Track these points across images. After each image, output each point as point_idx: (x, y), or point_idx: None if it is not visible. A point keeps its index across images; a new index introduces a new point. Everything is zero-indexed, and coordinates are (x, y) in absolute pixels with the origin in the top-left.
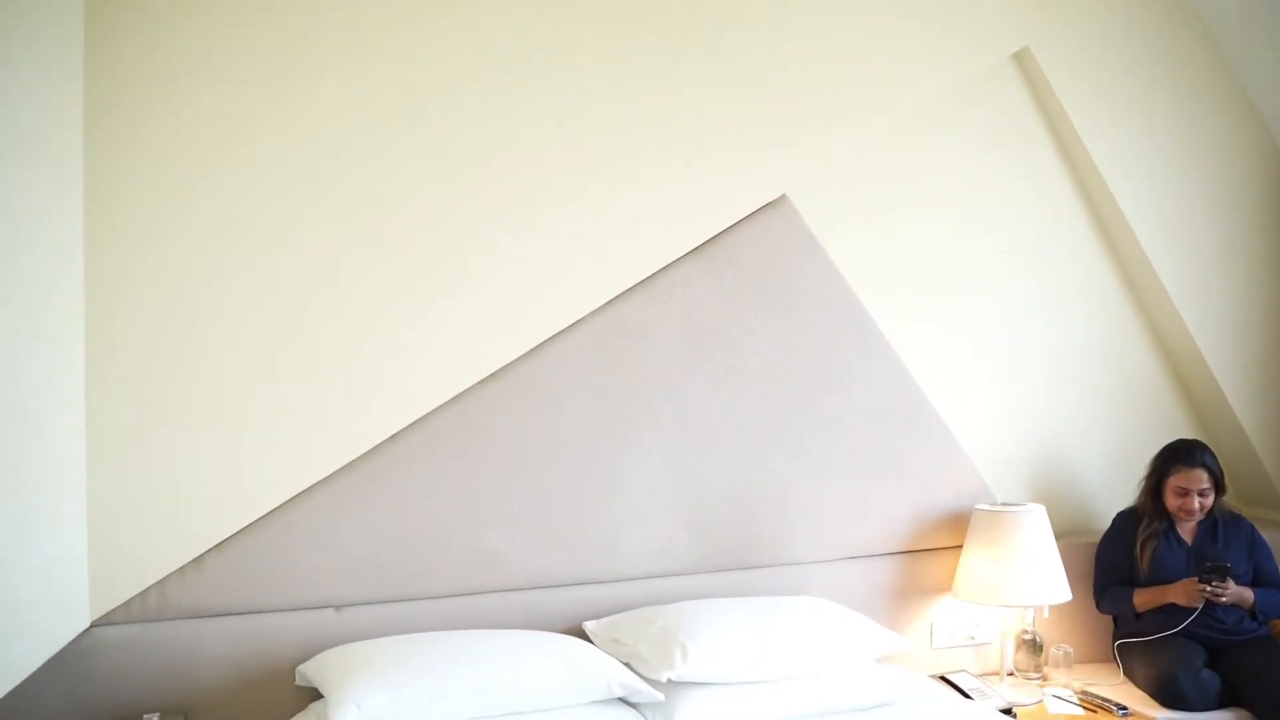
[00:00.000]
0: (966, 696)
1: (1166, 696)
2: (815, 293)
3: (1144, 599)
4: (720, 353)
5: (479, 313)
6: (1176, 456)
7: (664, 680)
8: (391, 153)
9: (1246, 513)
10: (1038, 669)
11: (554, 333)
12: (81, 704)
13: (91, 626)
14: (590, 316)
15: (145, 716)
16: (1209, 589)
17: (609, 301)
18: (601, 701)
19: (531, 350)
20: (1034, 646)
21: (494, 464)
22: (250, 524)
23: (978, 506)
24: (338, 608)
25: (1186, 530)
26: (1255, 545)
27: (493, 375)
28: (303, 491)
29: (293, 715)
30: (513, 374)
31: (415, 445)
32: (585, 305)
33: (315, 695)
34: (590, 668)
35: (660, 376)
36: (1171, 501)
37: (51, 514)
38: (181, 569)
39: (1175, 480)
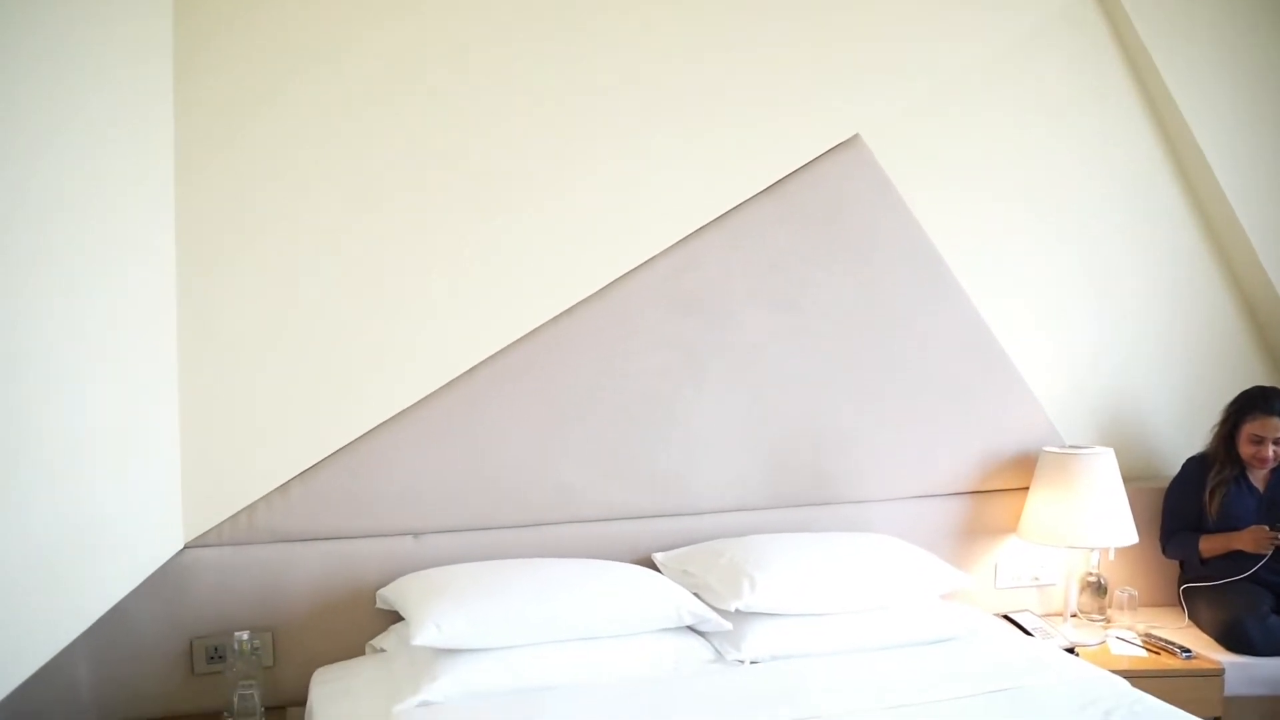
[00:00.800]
0: (1028, 634)
1: (1232, 641)
2: (887, 234)
3: (1210, 544)
4: (791, 292)
5: (555, 252)
6: (1253, 403)
7: (732, 610)
8: (473, 95)
9: None
10: (1101, 611)
11: (627, 270)
12: (176, 620)
13: (186, 548)
14: (662, 255)
15: (236, 634)
16: (1279, 536)
17: (681, 240)
18: (671, 630)
19: (605, 288)
20: (1098, 589)
21: (567, 399)
22: (333, 453)
23: (1045, 449)
24: (416, 535)
25: (1259, 478)
26: None
27: (566, 312)
28: (382, 424)
29: (373, 637)
30: (586, 311)
31: (491, 379)
32: (658, 244)
33: (395, 618)
34: (660, 596)
35: (732, 315)
36: (1245, 449)
37: (147, 442)
38: (269, 496)
39: (1250, 428)
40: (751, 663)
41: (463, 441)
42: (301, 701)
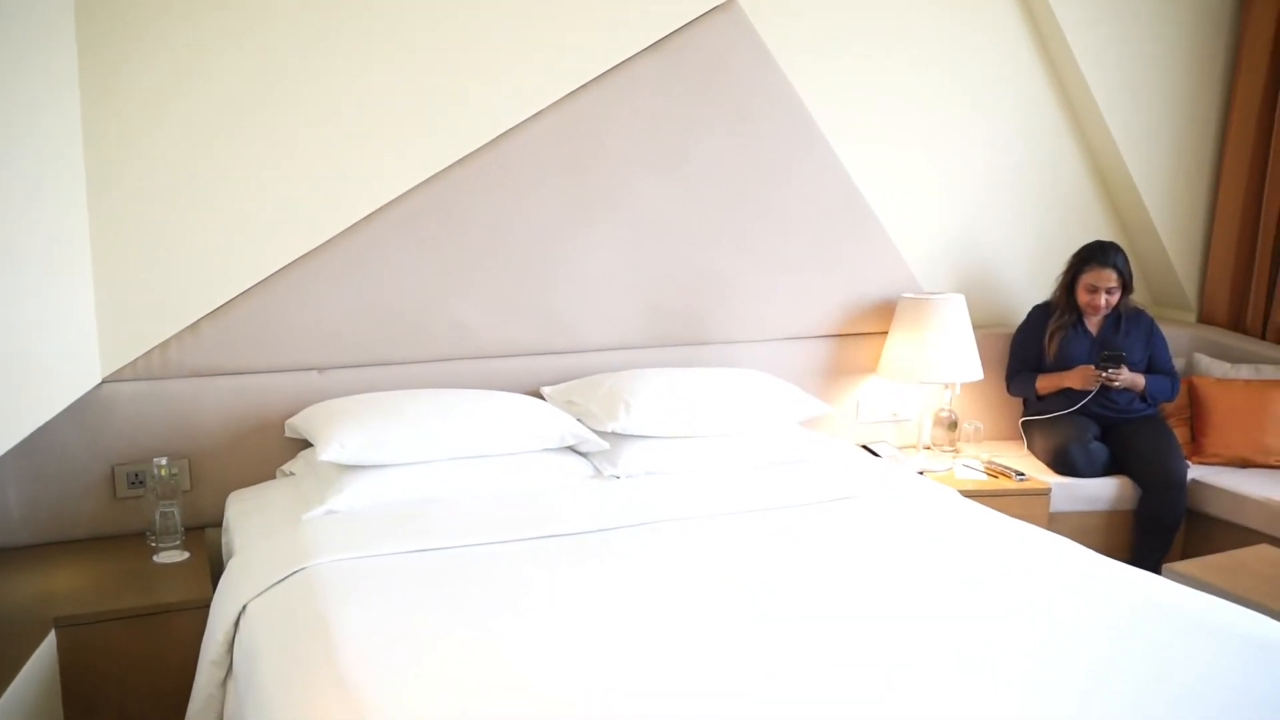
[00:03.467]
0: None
1: (1060, 464)
2: (762, 97)
3: (1046, 383)
4: (671, 148)
5: (447, 105)
6: (1091, 256)
7: (609, 432)
8: None
9: (1158, 313)
10: (952, 443)
11: (516, 123)
12: (98, 449)
13: (104, 382)
14: (549, 109)
15: (155, 460)
16: (1104, 374)
17: (566, 95)
18: (554, 450)
19: (496, 139)
20: (950, 424)
21: (462, 244)
22: (241, 293)
23: (904, 295)
24: (320, 370)
25: (1093, 323)
26: (1153, 338)
27: (459, 162)
28: (288, 264)
29: (283, 463)
30: (478, 162)
31: (390, 225)
32: (544, 99)
33: (303, 445)
34: (545, 419)
35: (615, 168)
36: (1082, 297)
37: (61, 282)
38: (180, 333)
39: (1087, 278)
40: (626, 478)
41: (364, 282)
42: (218, 523)
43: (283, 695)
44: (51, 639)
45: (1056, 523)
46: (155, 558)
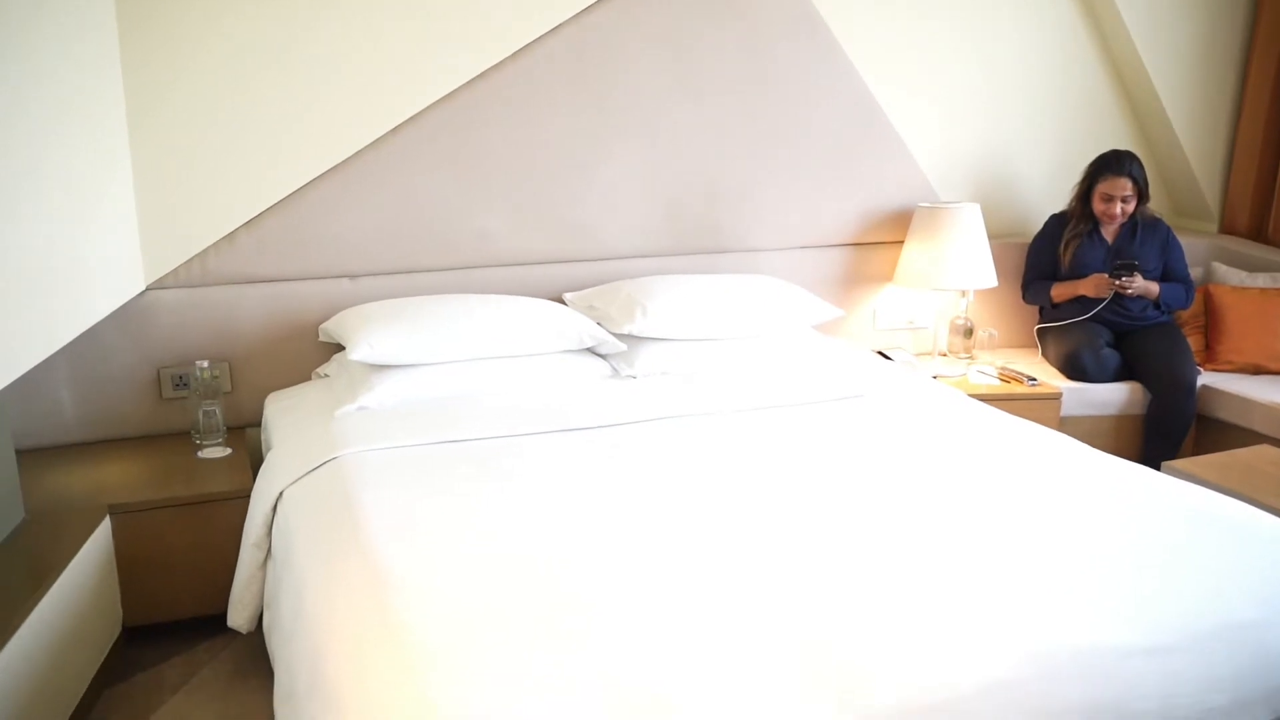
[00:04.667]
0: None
1: (1071, 370)
2: (779, 7)
3: (1061, 291)
4: (688, 59)
5: (467, 19)
6: (1106, 165)
7: (626, 334)
8: None
9: (1179, 223)
10: (967, 350)
11: (535, 38)
12: (143, 352)
13: (147, 290)
14: (567, 24)
15: (196, 363)
16: (1117, 282)
17: (583, 10)
18: (574, 351)
19: (515, 54)
20: (965, 332)
21: (485, 156)
22: (275, 204)
23: (920, 204)
24: (352, 277)
25: (1109, 232)
26: (1169, 246)
27: (481, 76)
28: (319, 176)
29: (318, 366)
30: (499, 76)
31: (416, 137)
32: (562, 12)
33: (336, 349)
34: (565, 322)
35: (633, 79)
36: (1098, 206)
37: (104, 197)
38: (218, 243)
39: (1103, 187)
40: (642, 378)
41: (391, 193)
42: (257, 423)
43: (315, 570)
44: (106, 524)
45: (1067, 426)
46: (199, 453)
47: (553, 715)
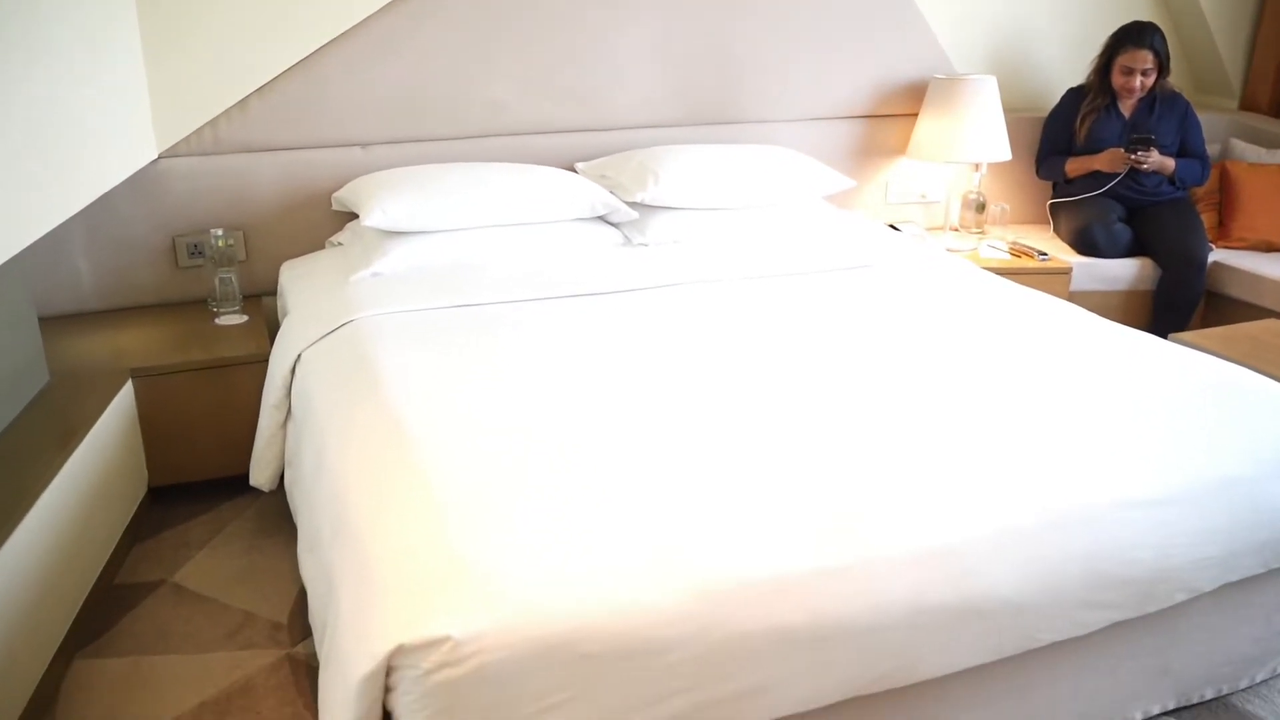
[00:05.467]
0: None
1: (1082, 245)
2: None
3: (1075, 165)
4: None
5: None
6: (1127, 36)
7: (638, 202)
8: None
9: (1200, 99)
10: (979, 225)
11: None
12: (158, 220)
13: (160, 158)
14: None
15: (212, 231)
16: (1132, 156)
17: None
18: (586, 219)
19: None
20: (977, 206)
21: (498, 23)
22: (285, 70)
23: (935, 75)
24: (364, 146)
25: (1127, 107)
26: (1187, 121)
27: None
28: (331, 41)
29: (332, 235)
30: None
31: (429, 3)
32: None
33: (350, 218)
34: (577, 189)
35: None
36: (1117, 79)
37: (112, 64)
38: (229, 110)
39: (1123, 59)
40: (654, 245)
41: (403, 60)
42: (273, 292)
43: (335, 426)
44: (128, 388)
45: (1076, 301)
46: (217, 320)
47: (572, 560)
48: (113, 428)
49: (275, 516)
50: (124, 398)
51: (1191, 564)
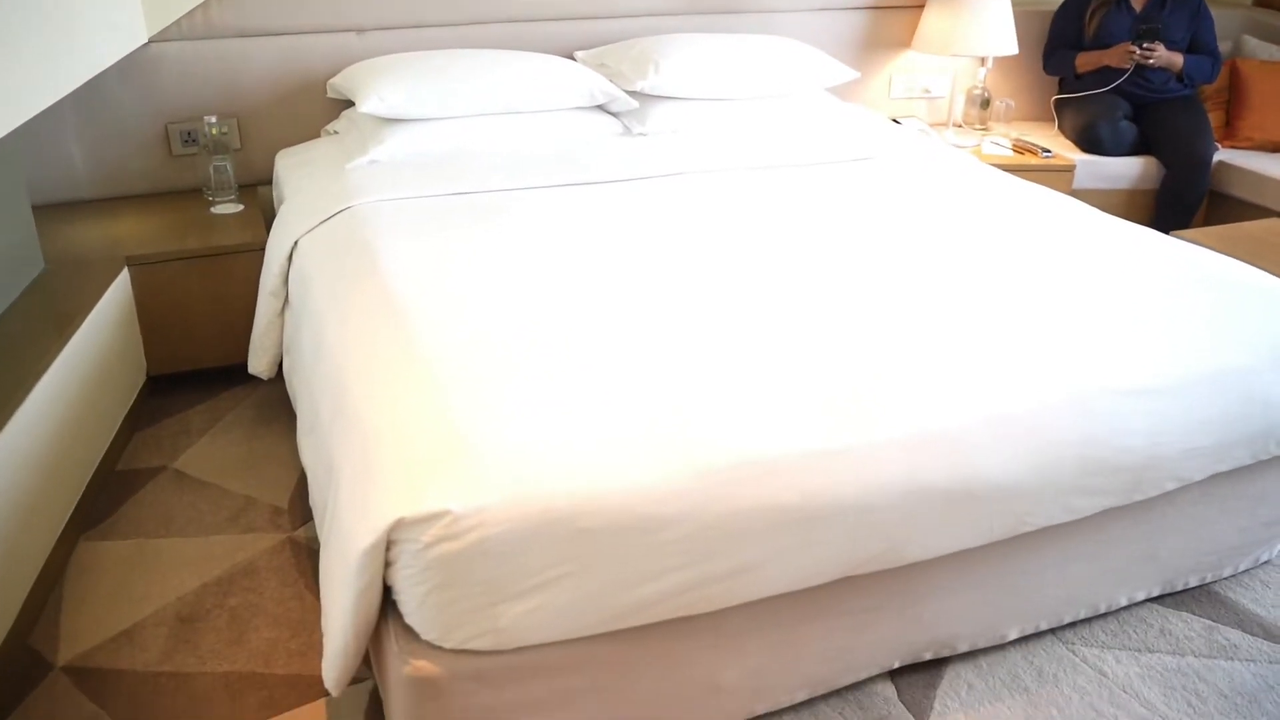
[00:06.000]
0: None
1: (1086, 142)
2: None
3: (1084, 60)
4: None
5: None
6: None
7: (638, 91)
8: None
9: None
10: (983, 122)
11: None
12: (152, 106)
13: (150, 42)
14: None
15: (205, 118)
16: (1139, 51)
17: None
18: (586, 108)
19: None
20: (982, 102)
21: None
22: None
23: None
24: (359, 31)
25: (1137, 1)
26: (1199, 17)
27: None
28: None
29: (327, 123)
30: None
31: None
32: None
33: (345, 107)
34: (576, 77)
35: None
36: None
37: None
38: None
39: None
40: (653, 135)
41: None
42: (268, 181)
43: (333, 308)
44: (125, 275)
45: (1078, 199)
46: (212, 209)
47: (571, 438)
48: (109, 315)
49: (274, 405)
50: (120, 286)
51: (1182, 453)
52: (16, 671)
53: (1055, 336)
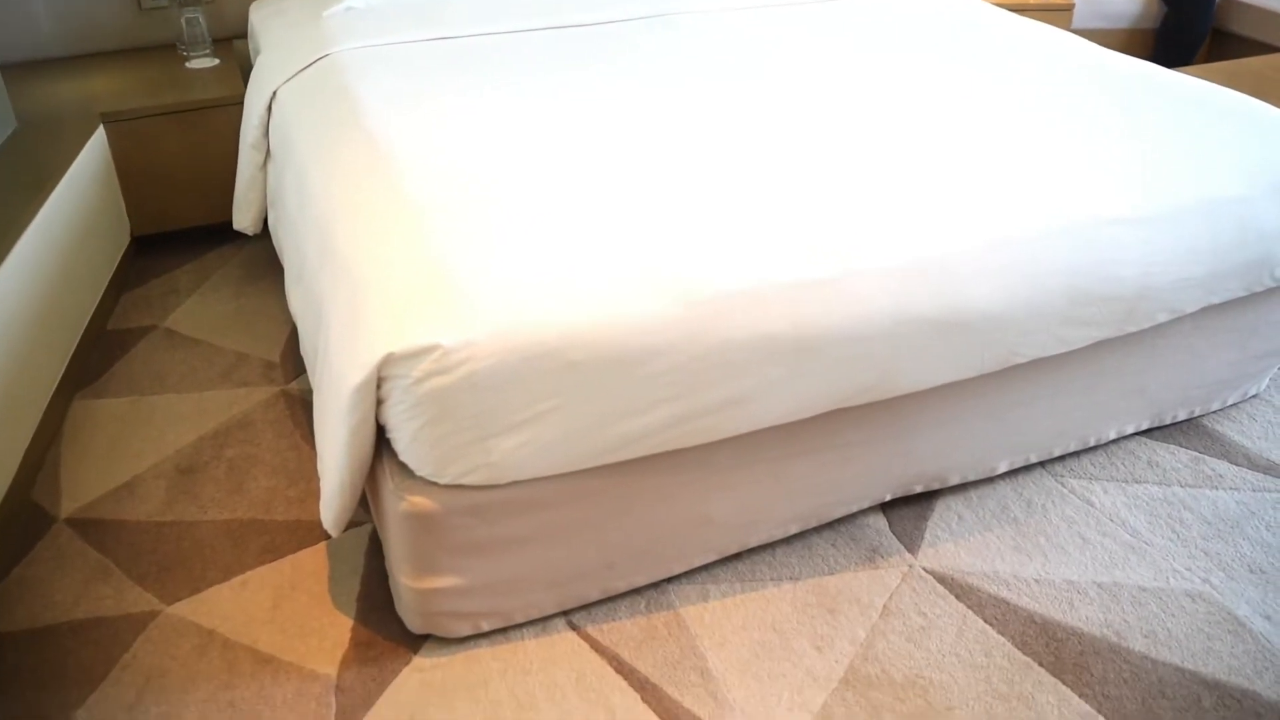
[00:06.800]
0: None
1: None
2: None
3: None
4: None
5: None
6: None
7: None
8: None
9: None
10: None
11: None
12: None
13: None
14: None
15: None
16: None
17: None
18: None
19: None
20: None
21: None
22: None
23: None
24: None
25: None
26: None
27: None
28: None
29: None
30: None
31: None
32: None
33: None
34: None
35: None
36: None
37: None
38: None
39: None
40: None
41: None
42: (243, 35)
43: (316, 154)
44: (101, 133)
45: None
46: (187, 64)
47: (560, 271)
48: (88, 173)
49: (261, 264)
50: (97, 143)
51: (1175, 283)
52: (21, 524)
53: (1045, 163)
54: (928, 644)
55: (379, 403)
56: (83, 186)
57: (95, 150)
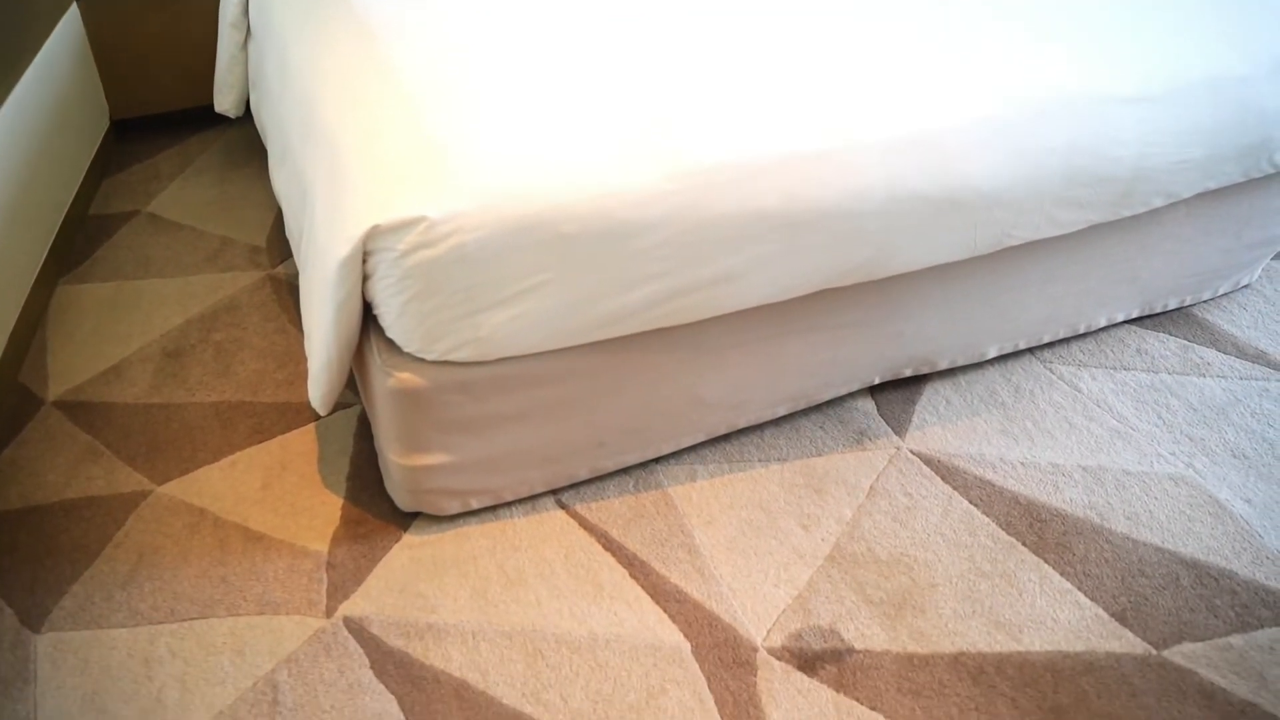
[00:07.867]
0: None
1: None
2: None
3: None
4: None
5: None
6: None
7: None
8: None
9: None
10: None
11: None
12: None
13: None
14: None
15: None
16: None
17: None
18: None
19: None
20: None
21: None
22: None
23: None
24: None
25: None
26: None
27: None
28: None
29: None
30: None
31: None
32: None
33: None
34: None
35: None
36: None
37: None
38: None
39: None
40: None
41: None
42: None
43: (297, 29)
44: (74, 11)
45: None
46: None
47: (549, 143)
48: (62, 53)
49: (243, 149)
50: (70, 22)
51: (1172, 165)
52: (9, 407)
53: (1043, 41)
54: (913, 524)
55: (365, 278)
56: (57, 68)
57: (69, 30)
